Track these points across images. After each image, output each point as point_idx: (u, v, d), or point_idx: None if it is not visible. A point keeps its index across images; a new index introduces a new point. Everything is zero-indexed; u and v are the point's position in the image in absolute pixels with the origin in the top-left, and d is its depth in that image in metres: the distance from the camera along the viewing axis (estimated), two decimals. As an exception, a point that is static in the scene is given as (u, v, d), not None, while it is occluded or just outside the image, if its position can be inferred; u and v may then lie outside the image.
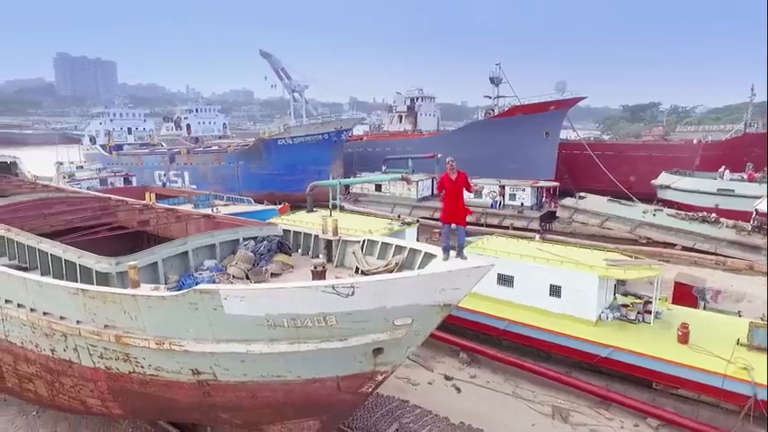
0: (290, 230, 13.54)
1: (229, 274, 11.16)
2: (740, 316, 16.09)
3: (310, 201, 25.07)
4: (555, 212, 32.04)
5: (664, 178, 37.79)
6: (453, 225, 8.58)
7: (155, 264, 10.50)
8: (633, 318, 14.87)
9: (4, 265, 11.13)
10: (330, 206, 25.32)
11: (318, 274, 9.38)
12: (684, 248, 26.68)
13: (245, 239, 12.35)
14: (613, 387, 13.86)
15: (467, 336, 16.36)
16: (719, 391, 12.19)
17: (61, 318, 9.49)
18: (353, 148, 52.20)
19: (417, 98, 59.23)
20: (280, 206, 25.81)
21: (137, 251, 10.81)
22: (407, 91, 60.55)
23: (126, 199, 19.12)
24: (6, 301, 10.59)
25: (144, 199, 21.93)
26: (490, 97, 49.68)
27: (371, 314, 7.56)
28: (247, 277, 11.13)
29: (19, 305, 10.27)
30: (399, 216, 29.09)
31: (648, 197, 38.60)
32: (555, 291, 15.30)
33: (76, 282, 9.86)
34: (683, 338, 13.37)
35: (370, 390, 8.98)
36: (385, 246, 11.02)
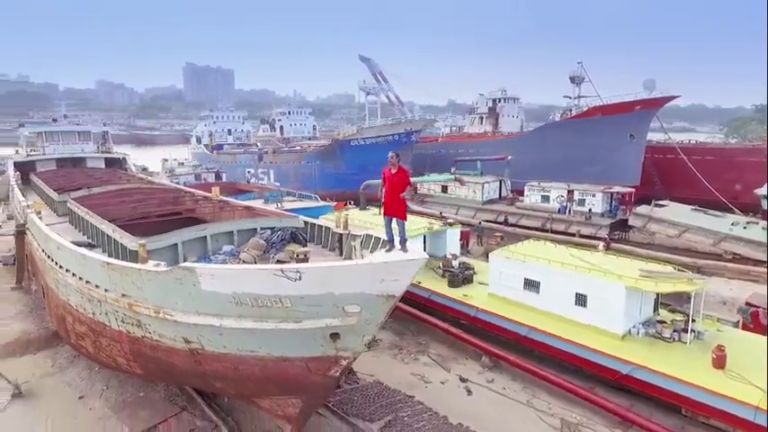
0: (314, 224, 14.67)
1: (240, 259, 12.35)
2: None
3: (363, 199, 26.10)
4: (627, 221, 29.53)
5: (771, 187, 32.87)
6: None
7: (176, 245, 12.00)
8: (668, 336, 13.56)
9: (72, 241, 13.40)
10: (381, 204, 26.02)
11: (299, 261, 10.15)
12: (780, 267, 23.17)
13: (262, 229, 13.52)
14: (639, 408, 12.81)
15: (489, 339, 16.03)
16: (752, 425, 10.76)
17: (96, 286, 11.27)
18: (427, 150, 52.41)
19: (499, 99, 57.75)
20: (335, 203, 27.10)
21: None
22: (489, 92, 59.29)
23: (193, 191, 21.60)
24: (67, 270, 12.76)
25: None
26: (570, 97, 47.02)
27: (321, 299, 8.10)
28: (256, 263, 12.24)
29: (73, 274, 12.34)
30: (441, 214, 28.95)
31: (758, 209, 33.85)
32: (581, 300, 14.46)
33: (119, 258, 11.64)
34: (719, 362, 11.97)
35: (338, 374, 9.51)
36: (378, 240, 11.43)
